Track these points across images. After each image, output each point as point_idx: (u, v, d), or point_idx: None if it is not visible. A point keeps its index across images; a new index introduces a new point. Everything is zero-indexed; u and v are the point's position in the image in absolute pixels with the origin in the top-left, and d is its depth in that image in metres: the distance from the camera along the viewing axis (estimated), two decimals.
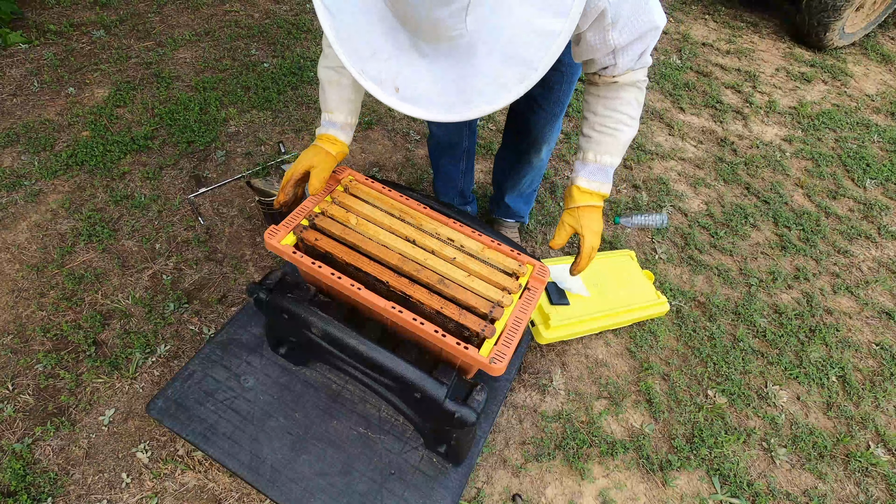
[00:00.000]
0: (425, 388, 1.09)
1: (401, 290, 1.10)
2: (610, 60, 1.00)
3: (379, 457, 1.31)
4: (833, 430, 1.68)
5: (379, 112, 2.56)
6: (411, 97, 0.83)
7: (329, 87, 1.21)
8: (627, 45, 0.96)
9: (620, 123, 1.10)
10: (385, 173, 2.28)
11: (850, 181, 2.60)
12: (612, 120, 1.09)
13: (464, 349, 1.01)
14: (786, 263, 2.16)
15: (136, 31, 2.81)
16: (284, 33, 2.93)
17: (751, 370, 1.78)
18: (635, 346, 1.79)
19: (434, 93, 0.82)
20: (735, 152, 2.65)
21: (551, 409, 1.61)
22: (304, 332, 1.22)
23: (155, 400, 1.35)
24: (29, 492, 1.32)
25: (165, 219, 1.96)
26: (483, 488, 1.43)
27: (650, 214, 2.20)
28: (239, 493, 1.36)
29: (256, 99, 2.49)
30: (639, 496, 1.47)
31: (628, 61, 1.00)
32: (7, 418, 1.44)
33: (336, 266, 1.14)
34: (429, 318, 1.08)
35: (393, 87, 0.84)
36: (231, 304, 1.74)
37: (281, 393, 1.39)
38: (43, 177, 2.03)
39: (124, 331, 1.64)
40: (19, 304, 1.67)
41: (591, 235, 1.15)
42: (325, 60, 1.21)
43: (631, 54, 0.99)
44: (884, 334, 1.96)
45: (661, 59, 3.20)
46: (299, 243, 1.18)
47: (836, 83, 3.28)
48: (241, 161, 2.21)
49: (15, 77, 2.45)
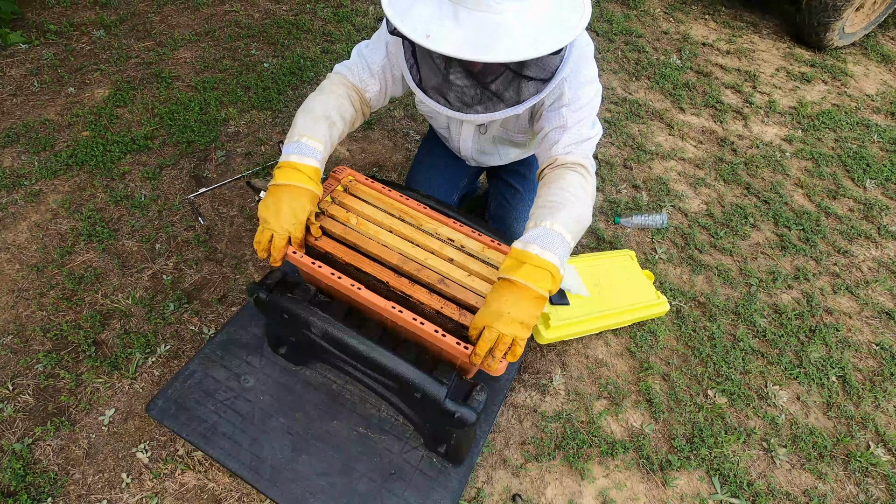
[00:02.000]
0: (425, 388, 1.09)
1: (401, 291, 1.09)
2: (559, 135, 1.16)
3: (379, 457, 1.30)
4: (833, 430, 1.68)
5: (379, 112, 2.56)
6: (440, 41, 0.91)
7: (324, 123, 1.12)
8: (573, 126, 1.15)
9: (568, 194, 1.05)
10: (385, 173, 2.28)
11: (850, 181, 2.60)
12: (558, 195, 1.06)
13: (464, 349, 1.01)
14: (786, 263, 2.16)
15: (136, 31, 2.81)
16: (284, 33, 2.93)
17: (751, 370, 1.78)
18: (635, 346, 1.79)
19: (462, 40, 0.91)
20: (735, 152, 2.65)
21: (551, 409, 1.61)
22: (304, 332, 1.22)
23: (155, 400, 1.35)
24: (29, 492, 1.32)
25: (165, 219, 1.96)
26: (483, 488, 1.43)
27: (650, 214, 2.20)
28: (239, 493, 1.36)
29: (256, 99, 2.49)
30: (639, 496, 1.47)
31: (572, 138, 1.15)
32: (7, 418, 1.44)
33: (336, 266, 1.14)
34: (429, 319, 1.08)
35: (425, 35, 0.92)
36: (231, 304, 1.74)
37: (281, 393, 1.38)
38: (43, 177, 2.03)
39: (124, 331, 1.64)
40: (19, 304, 1.67)
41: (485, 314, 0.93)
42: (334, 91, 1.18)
43: (575, 134, 1.15)
44: (884, 334, 1.96)
45: (661, 59, 3.20)
46: None
47: (836, 83, 3.28)
48: (241, 161, 2.21)
49: (15, 77, 2.45)
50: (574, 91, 1.15)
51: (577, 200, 1.06)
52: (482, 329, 0.94)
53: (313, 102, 1.16)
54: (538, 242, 0.97)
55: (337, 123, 1.16)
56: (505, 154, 1.58)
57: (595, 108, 1.19)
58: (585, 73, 1.17)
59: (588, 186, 1.11)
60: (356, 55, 1.26)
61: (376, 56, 1.24)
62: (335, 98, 1.18)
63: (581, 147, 1.16)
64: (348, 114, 1.20)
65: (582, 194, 1.08)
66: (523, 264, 0.95)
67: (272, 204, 1.04)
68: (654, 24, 3.55)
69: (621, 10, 3.64)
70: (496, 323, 0.92)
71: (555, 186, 1.08)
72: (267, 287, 1.20)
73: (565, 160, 1.14)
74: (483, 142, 1.49)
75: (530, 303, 0.93)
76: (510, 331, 0.92)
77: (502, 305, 0.92)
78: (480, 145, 1.51)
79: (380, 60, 1.24)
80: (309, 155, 1.07)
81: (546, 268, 0.95)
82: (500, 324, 0.92)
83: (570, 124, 1.15)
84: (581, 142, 1.16)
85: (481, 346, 0.94)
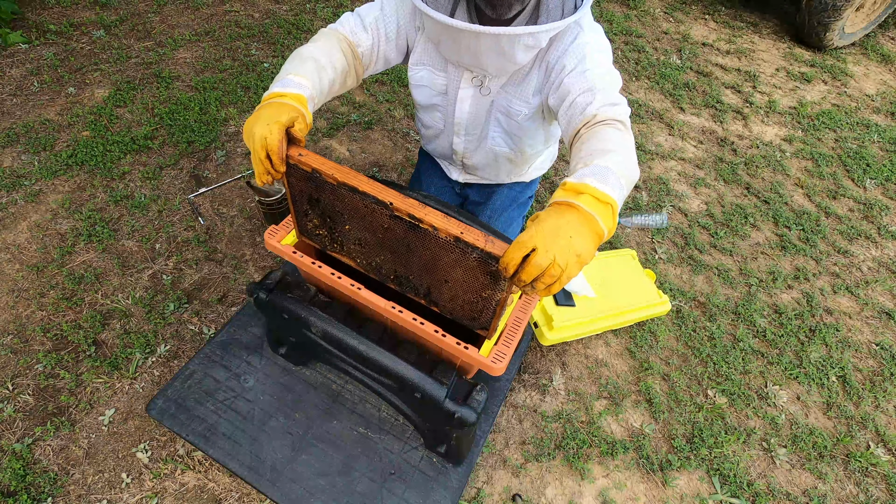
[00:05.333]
0: (425, 388, 1.09)
1: (408, 214, 0.90)
2: (588, 98, 1.06)
3: (379, 457, 1.31)
4: (833, 430, 1.68)
5: (379, 112, 2.56)
6: None
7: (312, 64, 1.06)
8: (602, 89, 1.05)
9: (614, 144, 0.93)
10: (385, 173, 2.28)
11: (850, 181, 2.60)
12: (605, 144, 0.94)
13: (464, 349, 1.01)
14: (786, 263, 2.16)
15: (136, 31, 2.81)
16: (284, 33, 2.93)
17: (751, 370, 1.78)
18: (635, 346, 1.79)
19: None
20: (735, 152, 2.65)
21: (551, 409, 1.61)
22: (304, 332, 1.22)
23: (155, 400, 1.35)
24: (29, 492, 1.32)
25: (165, 219, 1.96)
26: (483, 488, 1.43)
27: (650, 214, 2.19)
28: (239, 493, 1.36)
29: (256, 99, 2.49)
30: (639, 496, 1.47)
31: (606, 99, 1.05)
32: (7, 418, 1.44)
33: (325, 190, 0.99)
34: (445, 249, 0.90)
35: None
36: (231, 304, 1.74)
37: (281, 393, 1.39)
38: (43, 177, 2.03)
39: (124, 331, 1.64)
40: (19, 304, 1.67)
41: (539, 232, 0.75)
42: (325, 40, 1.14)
43: (609, 96, 1.05)
44: (884, 334, 1.96)
45: (661, 60, 3.20)
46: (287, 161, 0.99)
47: (836, 83, 3.28)
48: (241, 161, 2.21)
49: (15, 77, 2.45)
50: (596, 57, 1.11)
51: (626, 150, 0.93)
52: (531, 250, 0.75)
53: (302, 49, 1.12)
54: (595, 177, 0.82)
55: (326, 68, 1.10)
56: (492, 140, 1.43)
57: (618, 78, 1.12)
58: (605, 46, 1.15)
59: (631, 142, 0.98)
60: (349, 13, 1.24)
61: (370, 11, 1.22)
62: (324, 45, 1.14)
63: (618, 108, 1.04)
64: (339, 62, 1.15)
65: (630, 146, 0.96)
66: (582, 194, 0.80)
67: (252, 119, 0.94)
68: (654, 24, 3.55)
69: (621, 10, 3.64)
70: (553, 245, 0.74)
71: (598, 139, 0.95)
72: (267, 287, 1.21)
73: (604, 116, 1.01)
74: (480, 109, 1.36)
75: (591, 237, 0.77)
76: (565, 260, 0.74)
77: (563, 226, 0.75)
78: (476, 111, 1.37)
79: (374, 14, 1.22)
80: (292, 86, 1.00)
81: (608, 202, 0.80)
82: (557, 247, 0.74)
83: (599, 86, 1.06)
84: (615, 104, 1.04)
85: (528, 272, 0.75)
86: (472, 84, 1.30)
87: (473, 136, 1.46)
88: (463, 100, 1.35)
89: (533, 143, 1.45)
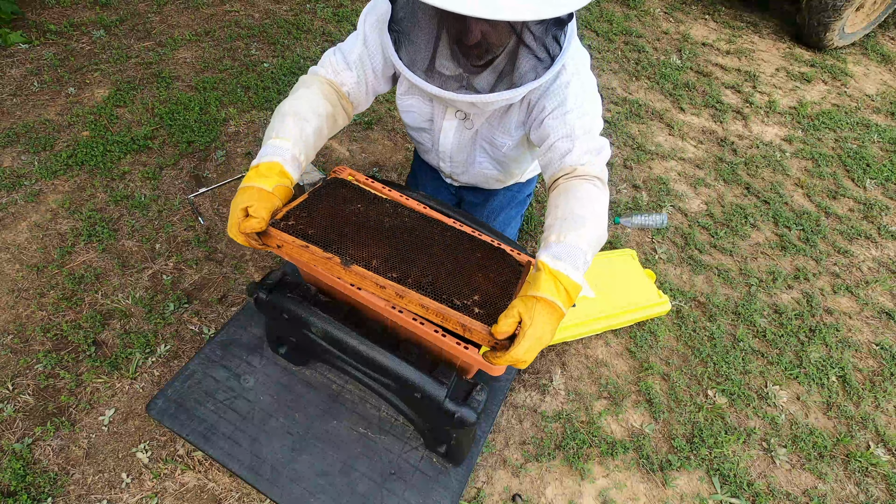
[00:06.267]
0: (425, 388, 1.09)
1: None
2: (568, 145, 1.10)
3: (379, 457, 1.30)
4: (833, 430, 1.68)
5: (379, 112, 2.56)
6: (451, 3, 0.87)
7: (292, 118, 1.08)
8: (582, 135, 1.09)
9: (589, 210, 1.00)
10: (385, 173, 2.28)
11: (850, 181, 2.60)
12: (581, 208, 1.01)
13: (464, 349, 1.01)
14: (786, 263, 2.16)
15: (136, 31, 2.81)
16: (284, 33, 2.93)
17: (751, 370, 1.78)
18: (635, 346, 1.79)
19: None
20: (735, 152, 2.65)
21: (551, 409, 1.61)
22: (304, 332, 1.22)
23: (155, 400, 1.35)
24: (29, 492, 1.32)
25: (165, 219, 1.96)
26: (483, 488, 1.43)
27: (650, 214, 2.20)
28: (239, 493, 1.36)
29: (256, 99, 2.49)
30: (639, 496, 1.47)
31: (586, 147, 1.09)
32: (7, 418, 1.44)
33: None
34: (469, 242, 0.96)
35: None
36: (231, 304, 1.74)
37: (281, 393, 1.38)
38: (43, 177, 2.03)
39: (124, 331, 1.64)
40: (19, 304, 1.67)
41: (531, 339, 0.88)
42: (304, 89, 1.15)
43: (589, 143, 1.09)
44: (884, 334, 1.96)
45: (661, 59, 3.20)
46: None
47: (836, 83, 3.28)
48: (241, 161, 2.21)
49: (15, 77, 2.45)
50: (577, 98, 1.11)
51: (597, 219, 1.02)
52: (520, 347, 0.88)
53: (282, 105, 1.13)
54: (569, 260, 0.93)
55: (308, 118, 1.11)
56: (480, 165, 1.48)
57: (599, 114, 1.14)
58: (587, 82, 1.13)
59: (605, 202, 1.06)
60: (331, 52, 1.23)
61: (353, 48, 1.20)
62: (304, 94, 1.15)
63: (598, 158, 1.10)
64: (321, 108, 1.15)
65: (601, 211, 1.03)
66: (559, 284, 0.92)
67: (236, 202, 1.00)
68: (654, 24, 3.55)
69: (621, 10, 3.64)
70: (535, 350, 0.89)
71: (575, 197, 1.02)
72: (267, 287, 1.20)
73: (584, 171, 1.08)
74: (464, 140, 1.40)
75: (557, 324, 0.92)
76: (534, 355, 0.91)
77: (545, 335, 0.89)
78: (460, 141, 1.41)
79: (357, 51, 1.20)
80: (270, 154, 1.03)
81: (576, 289, 0.93)
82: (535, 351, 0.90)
83: (579, 133, 1.10)
84: (597, 152, 1.10)
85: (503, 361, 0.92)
86: (455, 117, 1.32)
87: (459, 162, 1.49)
88: (447, 130, 1.38)
89: (520, 165, 1.49)
